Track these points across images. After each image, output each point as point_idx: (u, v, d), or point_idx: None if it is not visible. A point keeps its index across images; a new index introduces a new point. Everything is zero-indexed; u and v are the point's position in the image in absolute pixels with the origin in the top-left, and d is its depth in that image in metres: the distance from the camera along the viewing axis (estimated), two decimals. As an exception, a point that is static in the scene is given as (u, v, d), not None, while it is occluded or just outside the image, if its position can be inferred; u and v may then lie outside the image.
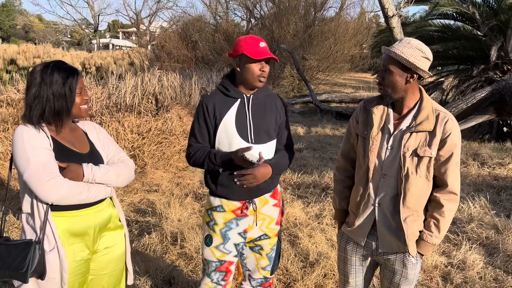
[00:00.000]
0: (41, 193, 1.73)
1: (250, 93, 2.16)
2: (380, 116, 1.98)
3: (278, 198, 2.31)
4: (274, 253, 2.34)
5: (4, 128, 5.90)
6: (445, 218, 1.93)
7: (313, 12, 18.61)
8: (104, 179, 1.91)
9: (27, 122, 1.83)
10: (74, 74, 1.86)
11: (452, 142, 1.88)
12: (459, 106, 7.94)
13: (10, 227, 4.09)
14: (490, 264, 3.65)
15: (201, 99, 2.17)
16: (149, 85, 8.18)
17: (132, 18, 40.91)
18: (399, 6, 6.62)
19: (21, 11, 61.67)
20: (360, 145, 2.05)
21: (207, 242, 2.23)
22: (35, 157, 1.74)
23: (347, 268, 2.16)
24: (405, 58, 1.82)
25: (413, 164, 1.90)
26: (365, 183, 2.02)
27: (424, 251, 1.98)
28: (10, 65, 17.00)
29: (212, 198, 2.23)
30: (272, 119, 2.20)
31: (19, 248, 1.77)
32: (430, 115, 1.89)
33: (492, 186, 5.74)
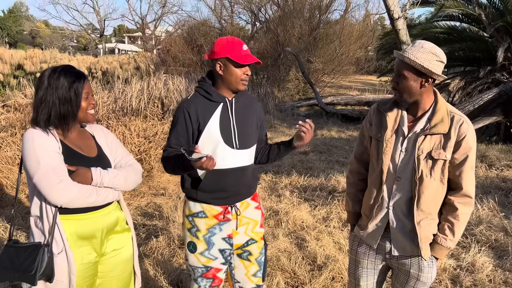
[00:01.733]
0: (50, 196, 1.75)
1: (231, 96, 2.13)
2: (394, 118, 1.98)
3: (258, 201, 2.31)
4: (263, 258, 2.31)
5: (12, 133, 5.94)
6: (460, 222, 1.91)
7: (318, 15, 18.61)
8: (112, 183, 1.92)
9: (35, 126, 1.84)
10: (81, 79, 1.87)
11: (467, 144, 1.86)
12: (466, 108, 7.89)
13: (17, 232, 4.11)
14: (499, 267, 3.61)
15: (181, 104, 2.10)
16: (155, 89, 8.21)
17: (137, 23, 41.13)
18: (405, 8, 6.61)
19: (27, 17, 62.22)
20: (373, 147, 2.05)
21: (191, 249, 2.18)
22: (45, 160, 1.75)
23: (358, 271, 2.14)
24: (419, 64, 1.80)
25: (428, 167, 1.88)
26: (378, 185, 2.00)
27: (438, 254, 1.97)
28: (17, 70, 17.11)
29: (192, 204, 2.17)
30: (253, 122, 2.19)
31: (28, 251, 1.78)
32: (445, 117, 1.88)
33: (500, 188, 5.69)
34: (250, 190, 2.22)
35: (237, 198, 2.17)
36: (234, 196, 2.15)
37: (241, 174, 2.13)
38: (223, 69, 2.05)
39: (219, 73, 2.07)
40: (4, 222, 4.35)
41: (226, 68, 2.05)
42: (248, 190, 2.20)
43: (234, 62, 2.02)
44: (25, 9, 65.09)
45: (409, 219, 1.94)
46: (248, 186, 2.18)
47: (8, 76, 15.99)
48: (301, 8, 18.20)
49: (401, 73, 1.87)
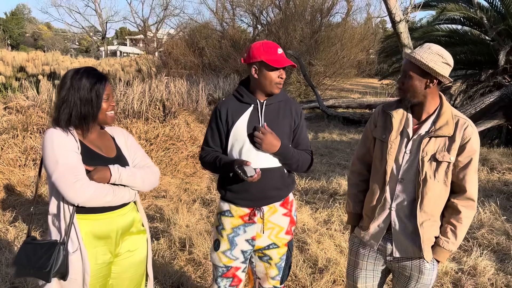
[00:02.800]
0: (68, 194, 1.78)
1: (264, 98, 2.16)
2: (400, 120, 1.98)
3: (289, 208, 2.27)
4: (284, 263, 2.29)
5: (14, 134, 5.95)
6: (462, 225, 1.91)
7: (319, 18, 18.65)
8: (130, 181, 1.94)
9: (56, 125, 1.88)
10: (102, 81, 1.91)
11: (471, 148, 1.87)
12: (468, 111, 7.88)
13: (19, 233, 4.11)
14: (501, 271, 3.60)
15: (216, 104, 2.19)
16: (157, 91, 8.23)
17: (139, 25, 41.25)
18: (406, 11, 6.61)
19: (30, 19, 62.42)
20: (377, 148, 2.05)
21: (215, 247, 2.23)
22: (63, 159, 1.79)
23: (356, 273, 2.13)
24: (424, 63, 1.82)
25: (432, 169, 1.89)
26: (381, 186, 2.01)
27: (440, 257, 1.96)
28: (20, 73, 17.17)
29: (222, 203, 2.23)
30: (285, 125, 2.17)
31: (44, 248, 1.82)
32: (450, 120, 1.89)
33: (502, 191, 5.68)
34: (280, 193, 2.19)
35: (264, 201, 2.16)
36: (261, 199, 2.14)
37: (267, 176, 2.10)
38: (258, 72, 2.09)
39: (255, 77, 2.11)
40: (5, 224, 4.35)
41: (261, 71, 2.08)
42: (277, 193, 2.18)
43: (269, 66, 2.06)
44: (28, 11, 65.35)
45: (412, 221, 1.94)
46: (277, 189, 2.16)
47: (10, 78, 16.04)
48: (302, 11, 18.25)
49: (407, 73, 1.89)
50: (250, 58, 2.10)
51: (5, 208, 4.79)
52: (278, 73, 2.08)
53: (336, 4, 19.20)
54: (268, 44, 2.09)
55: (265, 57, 2.04)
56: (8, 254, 3.62)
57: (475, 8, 9.67)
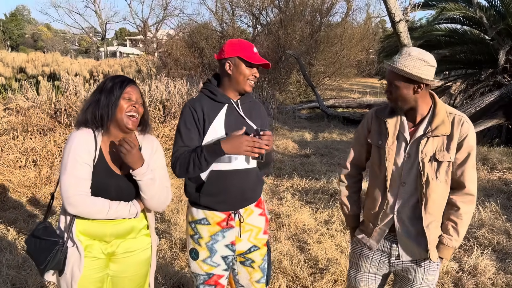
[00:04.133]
0: (63, 202, 1.84)
1: (236, 98, 2.13)
2: (394, 125, 1.96)
3: (263, 207, 2.26)
4: (266, 264, 2.27)
5: (14, 135, 5.95)
6: (463, 221, 1.91)
7: (319, 18, 18.65)
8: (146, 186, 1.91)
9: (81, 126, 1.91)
10: (125, 81, 1.93)
11: (468, 144, 1.87)
12: (468, 110, 7.88)
13: (18, 235, 4.11)
14: (502, 270, 3.60)
15: (186, 104, 2.09)
16: (157, 92, 8.23)
17: (139, 26, 41.27)
18: (406, 11, 6.60)
19: (29, 20, 62.44)
20: (374, 154, 2.03)
21: (193, 256, 2.15)
22: (71, 169, 1.82)
23: (359, 276, 2.12)
24: (408, 72, 1.80)
25: (433, 170, 1.88)
26: (383, 192, 1.99)
27: (444, 254, 1.96)
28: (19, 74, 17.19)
29: (195, 210, 2.12)
30: (258, 125, 2.16)
31: (46, 245, 1.88)
32: (445, 119, 1.88)
33: (502, 191, 5.68)
34: (255, 194, 2.18)
35: (241, 203, 2.12)
36: (239, 201, 2.11)
37: (244, 176, 2.09)
38: (232, 68, 2.05)
39: (228, 72, 2.06)
40: (6, 224, 4.35)
41: (236, 67, 2.04)
42: (252, 194, 2.16)
43: (245, 61, 2.03)
44: (27, 12, 65.37)
45: (415, 224, 1.93)
46: (253, 190, 2.14)
47: (10, 79, 16.05)
48: (302, 11, 18.25)
49: (392, 83, 1.87)
50: (225, 54, 2.06)
51: (6, 209, 4.79)
52: (253, 71, 2.06)
53: (335, 4, 19.22)
54: (245, 42, 2.07)
55: (241, 53, 2.02)
56: (8, 255, 3.62)
57: (474, 8, 9.67)
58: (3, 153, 5.59)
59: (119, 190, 1.92)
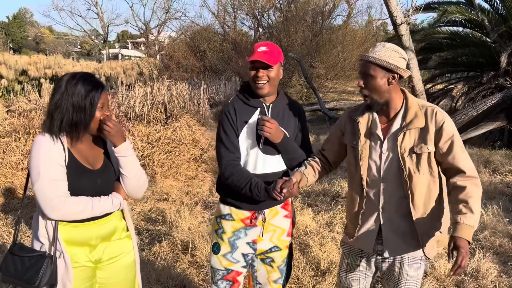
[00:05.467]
0: (44, 209, 1.77)
1: (270, 102, 2.13)
2: (366, 123, 1.99)
3: (289, 210, 2.27)
4: (286, 266, 2.29)
5: (16, 138, 5.97)
6: (473, 198, 1.78)
7: (320, 20, 18.67)
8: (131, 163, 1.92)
9: (47, 131, 1.82)
10: (98, 88, 1.83)
11: (447, 130, 1.87)
12: (470, 113, 7.88)
13: (21, 237, 4.12)
14: (504, 273, 3.59)
15: (223, 108, 2.13)
16: (158, 94, 8.24)
17: (141, 29, 41.38)
18: (408, 13, 6.61)
19: (32, 22, 62.67)
20: (350, 155, 2.06)
21: (215, 250, 2.20)
22: (46, 173, 1.75)
23: (350, 275, 2.13)
24: (385, 61, 1.85)
25: (413, 163, 1.89)
26: (360, 192, 2.01)
27: (463, 234, 1.74)
28: (22, 76, 17.25)
29: (222, 206, 2.20)
30: (290, 129, 2.15)
31: (32, 260, 1.79)
32: (418, 112, 1.91)
33: (504, 193, 5.67)
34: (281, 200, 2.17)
35: (266, 204, 2.13)
36: (263, 202, 2.11)
37: (273, 179, 2.08)
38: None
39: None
40: (8, 227, 4.36)
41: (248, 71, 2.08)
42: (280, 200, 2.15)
43: (248, 63, 2.05)
44: (30, 15, 65.58)
45: (403, 219, 1.93)
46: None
47: (12, 81, 16.10)
48: (303, 14, 18.28)
49: (367, 73, 1.89)
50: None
51: (8, 211, 4.80)
52: (257, 72, 2.02)
53: (337, 7, 19.26)
54: (257, 43, 2.08)
55: (248, 55, 2.04)
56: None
57: (476, 10, 9.68)
58: (6, 155, 5.60)
59: (96, 186, 1.89)
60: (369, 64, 1.89)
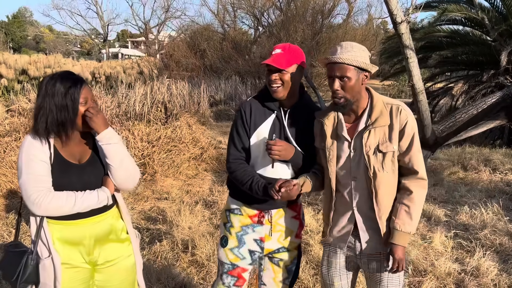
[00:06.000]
0: (27, 205, 1.78)
1: (288, 106, 2.08)
2: (332, 125, 2.00)
3: (298, 211, 2.25)
4: (294, 266, 2.27)
5: (16, 137, 5.97)
6: (416, 205, 1.89)
7: (320, 19, 18.67)
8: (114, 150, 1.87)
9: (35, 134, 1.82)
10: (77, 84, 1.81)
11: (409, 130, 1.89)
12: (469, 112, 7.86)
13: (21, 236, 4.12)
14: (504, 271, 3.59)
15: (239, 105, 2.13)
16: (158, 93, 8.25)
17: (141, 28, 41.36)
18: (408, 12, 6.60)
19: (32, 22, 62.61)
20: (322, 157, 2.06)
21: (223, 243, 2.21)
22: (27, 168, 1.76)
23: (331, 272, 2.14)
24: (361, 62, 1.85)
25: (378, 161, 1.90)
26: (330, 192, 2.03)
27: (400, 241, 1.89)
28: (22, 75, 17.24)
29: (231, 200, 2.21)
30: (306, 134, 2.10)
31: (16, 256, 1.81)
32: (383, 110, 1.91)
33: (504, 192, 5.67)
34: (289, 201, 2.16)
35: (273, 204, 2.13)
36: (271, 202, 2.11)
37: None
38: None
39: None
40: (8, 226, 4.36)
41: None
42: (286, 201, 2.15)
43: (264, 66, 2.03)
44: (29, 14, 65.58)
45: (371, 216, 1.95)
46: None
47: (12, 81, 16.10)
48: (303, 13, 18.27)
49: (344, 76, 1.87)
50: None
51: (9, 210, 4.80)
52: (272, 75, 2.00)
53: (337, 6, 19.25)
54: (276, 45, 2.07)
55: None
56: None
57: (476, 9, 9.66)
58: (6, 154, 5.60)
59: (83, 181, 1.87)
60: (344, 66, 1.86)
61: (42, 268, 1.82)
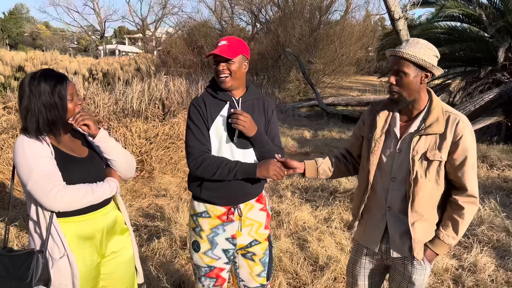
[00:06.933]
0: (45, 203, 1.74)
1: (239, 95, 2.13)
2: (385, 118, 1.96)
3: (264, 202, 2.28)
4: (268, 258, 2.29)
5: (13, 134, 5.95)
6: (464, 221, 1.89)
7: (318, 15, 18.63)
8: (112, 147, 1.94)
9: (28, 134, 1.80)
10: (62, 81, 1.81)
11: (464, 145, 1.83)
12: (467, 108, 7.90)
13: (19, 233, 4.12)
14: (501, 267, 3.61)
15: (191, 102, 2.12)
16: (156, 90, 8.21)
17: (138, 24, 41.19)
18: (405, 8, 6.61)
19: (28, 18, 62.30)
20: (364, 147, 2.04)
21: (195, 248, 2.19)
22: (37, 166, 1.74)
23: (356, 270, 2.13)
24: (421, 58, 1.79)
25: (422, 168, 1.86)
26: (365, 186, 2.01)
27: (438, 250, 1.94)
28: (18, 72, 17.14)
29: (196, 204, 2.18)
30: (261, 122, 2.16)
31: (21, 259, 1.77)
32: (440, 117, 1.85)
33: (501, 188, 5.69)
34: (255, 189, 2.19)
35: (241, 198, 2.15)
36: (239, 196, 2.13)
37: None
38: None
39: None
40: (6, 223, 4.35)
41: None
42: (253, 190, 2.17)
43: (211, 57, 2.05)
44: (26, 10, 65.18)
45: (405, 220, 1.93)
46: (254, 185, 2.15)
47: (9, 78, 16.02)
48: (301, 9, 18.23)
49: (400, 70, 1.83)
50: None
51: (6, 207, 4.79)
52: (219, 66, 2.03)
53: (335, 2, 19.21)
54: (220, 38, 2.09)
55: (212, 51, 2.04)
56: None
57: (474, 5, 9.67)
58: (3, 151, 5.58)
59: (89, 174, 1.89)
60: (402, 61, 1.82)
61: (56, 270, 1.79)
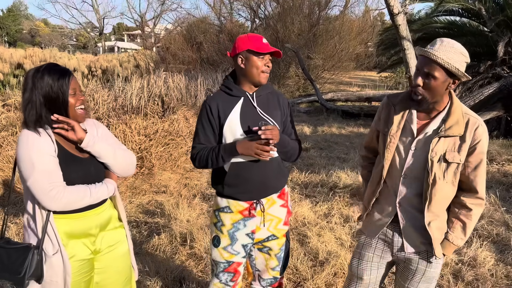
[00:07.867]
0: (44, 202, 1.75)
1: (253, 90, 2.15)
2: (402, 114, 1.93)
3: (286, 199, 2.30)
4: (283, 253, 2.33)
5: (13, 131, 5.95)
6: (472, 222, 1.92)
7: (317, 11, 18.58)
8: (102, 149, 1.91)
9: (28, 127, 1.80)
10: (65, 76, 1.82)
11: (481, 149, 1.83)
12: (467, 103, 7.88)
13: (18, 230, 4.12)
14: (501, 261, 3.62)
15: (204, 101, 2.16)
16: (155, 87, 8.20)
17: (137, 21, 41.06)
18: (405, 3, 6.58)
19: (27, 15, 62.15)
20: (380, 142, 2.03)
21: (215, 243, 2.23)
22: (40, 164, 1.74)
23: (362, 265, 2.12)
24: (454, 66, 1.73)
25: (441, 170, 1.85)
26: (378, 180, 2.00)
27: (447, 251, 1.96)
28: (17, 70, 17.09)
29: (219, 199, 2.22)
30: (277, 116, 2.18)
31: (18, 252, 1.78)
32: (460, 119, 1.83)
33: (501, 182, 5.69)
34: (277, 184, 2.21)
35: (263, 193, 2.17)
36: (261, 191, 2.15)
37: (265, 167, 2.12)
38: (244, 62, 2.08)
39: (241, 67, 2.09)
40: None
41: (248, 60, 2.07)
42: (275, 184, 2.19)
43: (255, 52, 2.05)
44: (24, 8, 65.01)
45: (419, 217, 1.92)
46: (275, 180, 2.17)
47: (8, 75, 15.99)
48: (300, 4, 18.18)
49: (430, 73, 1.77)
50: (236, 50, 2.10)
51: (6, 205, 4.79)
52: (264, 61, 2.07)
53: (334, -3, 19.13)
54: (253, 35, 2.10)
55: (251, 46, 2.04)
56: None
57: (473, -1, 9.64)
58: (2, 149, 5.58)
59: (89, 174, 1.90)
60: (434, 64, 1.75)
61: (48, 266, 1.80)
